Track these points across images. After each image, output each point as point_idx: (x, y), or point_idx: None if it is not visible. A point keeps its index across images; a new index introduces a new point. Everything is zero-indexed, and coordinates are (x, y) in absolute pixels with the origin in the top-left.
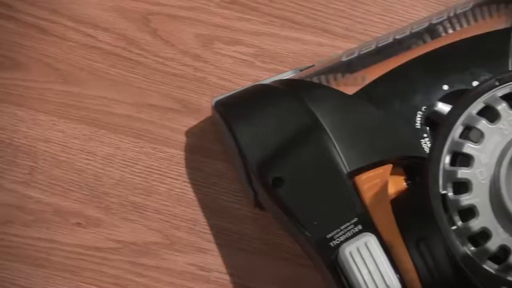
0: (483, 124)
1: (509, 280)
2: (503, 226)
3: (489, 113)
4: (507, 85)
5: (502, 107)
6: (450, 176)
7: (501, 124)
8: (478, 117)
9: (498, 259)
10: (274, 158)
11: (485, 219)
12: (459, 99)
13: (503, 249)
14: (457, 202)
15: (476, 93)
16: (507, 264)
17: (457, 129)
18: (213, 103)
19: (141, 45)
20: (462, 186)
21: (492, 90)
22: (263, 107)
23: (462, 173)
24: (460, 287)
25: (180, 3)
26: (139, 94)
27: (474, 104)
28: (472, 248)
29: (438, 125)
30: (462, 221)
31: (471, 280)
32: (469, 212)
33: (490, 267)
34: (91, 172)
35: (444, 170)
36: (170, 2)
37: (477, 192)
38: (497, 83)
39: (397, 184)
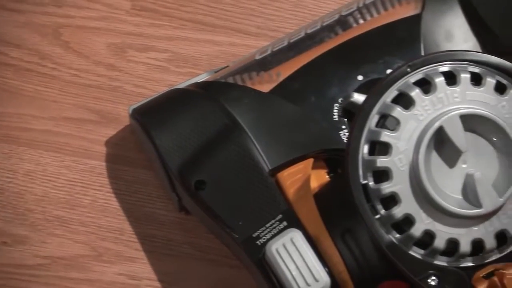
0: (398, 112)
1: (436, 264)
2: (425, 211)
3: (404, 100)
4: (419, 71)
5: (415, 93)
6: (369, 166)
7: (415, 110)
8: (392, 104)
9: (424, 244)
10: (195, 161)
11: (407, 205)
12: (373, 88)
13: (428, 234)
14: (378, 190)
15: (389, 81)
16: (432, 248)
17: (373, 118)
18: (130, 111)
19: (54, 58)
20: (383, 175)
21: (405, 77)
22: (180, 112)
23: (381, 161)
24: (388, 275)
25: (90, 14)
26: (56, 108)
27: (388, 92)
28: (397, 236)
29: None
30: (385, 209)
31: (398, 267)
32: (391, 200)
33: (416, 252)
34: (13, 190)
35: (363, 160)
36: (80, 14)
37: (398, 179)
38: (409, 70)
39: (319, 178)
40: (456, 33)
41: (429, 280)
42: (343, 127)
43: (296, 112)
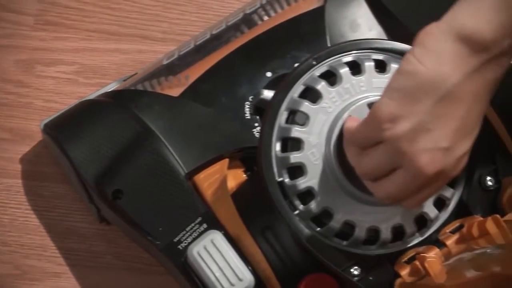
0: (306, 106)
1: (358, 253)
2: (343, 203)
3: (311, 94)
4: (324, 63)
5: (321, 86)
6: (283, 163)
7: (323, 103)
8: (300, 99)
9: (345, 235)
10: (111, 171)
11: (324, 198)
12: (279, 84)
13: (348, 225)
14: (294, 187)
15: (295, 75)
16: (354, 238)
17: (282, 115)
18: (41, 126)
19: None
20: (297, 170)
21: (311, 70)
22: (91, 123)
23: (295, 157)
24: (312, 268)
25: None
26: None
27: (295, 87)
28: (318, 229)
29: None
30: (303, 204)
31: (321, 259)
32: (308, 195)
33: (338, 244)
34: None
35: (277, 157)
36: None
37: (312, 173)
38: (314, 63)
39: (236, 177)
40: (360, 22)
41: (352, 270)
42: (256, 124)
43: (208, 113)
